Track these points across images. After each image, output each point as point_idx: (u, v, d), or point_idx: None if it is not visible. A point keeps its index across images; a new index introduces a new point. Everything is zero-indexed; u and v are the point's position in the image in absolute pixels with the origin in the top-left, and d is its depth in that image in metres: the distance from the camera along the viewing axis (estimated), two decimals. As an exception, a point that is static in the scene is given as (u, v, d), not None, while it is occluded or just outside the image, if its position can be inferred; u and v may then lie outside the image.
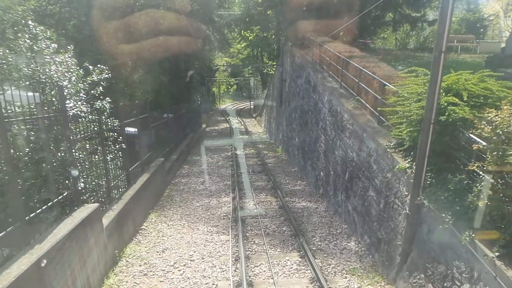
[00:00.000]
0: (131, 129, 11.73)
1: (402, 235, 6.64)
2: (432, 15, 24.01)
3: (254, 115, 47.76)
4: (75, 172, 6.67)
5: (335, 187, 10.78)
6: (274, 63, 35.44)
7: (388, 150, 7.48)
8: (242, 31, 37.40)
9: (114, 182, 9.03)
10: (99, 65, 8.97)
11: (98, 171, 8.17)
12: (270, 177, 14.66)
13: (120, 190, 9.40)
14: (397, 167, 6.86)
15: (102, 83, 8.99)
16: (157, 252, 8.27)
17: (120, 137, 9.72)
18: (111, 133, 9.23)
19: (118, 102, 11.98)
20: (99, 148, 8.35)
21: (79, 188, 6.99)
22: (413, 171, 6.36)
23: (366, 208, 8.41)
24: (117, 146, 9.38)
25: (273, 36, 31.13)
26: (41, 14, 20.11)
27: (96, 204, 6.93)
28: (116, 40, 20.52)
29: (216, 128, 37.16)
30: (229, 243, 8.62)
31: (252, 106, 57.65)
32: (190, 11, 23.77)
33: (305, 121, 15.88)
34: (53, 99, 6.70)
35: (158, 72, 22.50)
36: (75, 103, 7.68)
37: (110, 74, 9.40)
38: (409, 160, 6.80)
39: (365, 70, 10.04)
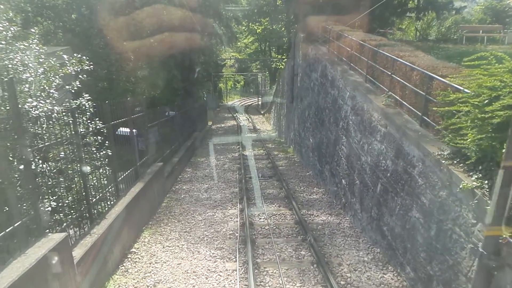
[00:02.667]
0: (125, 130, 10.18)
1: (469, 278, 4.94)
2: (459, 2, 22.08)
3: (262, 112, 46.02)
4: (34, 192, 5.08)
5: (362, 199, 9.07)
6: (284, 56, 33.64)
7: (443, 161, 5.75)
8: (250, 24, 35.59)
9: (98, 197, 7.43)
10: (76, 54, 7.36)
11: (74, 185, 6.58)
12: (283, 183, 12.97)
13: (106, 205, 7.81)
14: (460, 186, 5.13)
15: (80, 76, 7.41)
16: (148, 286, 6.65)
17: (107, 141, 8.13)
18: (94, 137, 7.63)
19: (119, 99, 10.51)
20: (75, 157, 6.76)
21: (45, 210, 5.40)
22: (487, 193, 4.66)
23: (408, 232, 6.70)
24: (102, 153, 7.79)
25: (283, 28, 29.35)
26: (39, 5, 18.86)
27: (63, 234, 5.32)
28: (118, 34, 19.24)
29: (222, 125, 35.52)
30: (236, 274, 6.97)
31: (260, 103, 55.96)
32: (196, 4, 22.19)
33: (321, 119, 14.16)
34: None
35: (162, 67, 21.09)
36: (43, 101, 6.08)
37: (91, 67, 7.80)
38: (477, 177, 5.06)
39: (401, 60, 8.29)
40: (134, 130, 10.86)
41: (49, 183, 5.93)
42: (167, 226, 9.56)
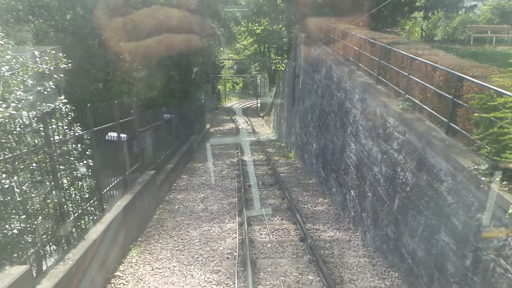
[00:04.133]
0: (115, 135, 9.26)
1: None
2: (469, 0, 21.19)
3: (261, 114, 45.12)
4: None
5: (375, 215, 8.13)
6: (285, 56, 32.72)
7: (481, 178, 4.82)
8: (250, 25, 34.67)
9: (76, 214, 6.48)
10: (50, 49, 6.42)
11: (44, 204, 5.63)
12: (285, 193, 12.02)
13: (87, 222, 6.86)
14: (510, 211, 4.20)
15: (56, 76, 6.48)
16: (131, 321, 5.71)
17: (90, 150, 7.19)
18: (74, 145, 6.69)
19: (114, 101, 9.63)
20: (49, 169, 5.82)
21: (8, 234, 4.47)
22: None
23: (435, 258, 5.75)
24: (84, 162, 6.85)
25: (283, 29, 28.43)
26: (32, 4, 18.08)
27: (24, 268, 4.36)
28: (114, 34, 18.49)
29: (221, 128, 34.58)
30: (234, 305, 6.03)
31: (259, 105, 55.11)
32: (194, 4, 21.33)
33: (325, 124, 13.23)
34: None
35: (159, 69, 20.29)
36: (5, 105, 5.15)
37: (70, 65, 6.87)
38: (530, 200, 4.14)
39: (421, 59, 7.37)
40: (124, 135, 9.96)
41: (15, 200, 4.99)
42: (158, 243, 8.60)
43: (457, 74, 5.99)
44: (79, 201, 6.67)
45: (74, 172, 6.59)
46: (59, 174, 5.98)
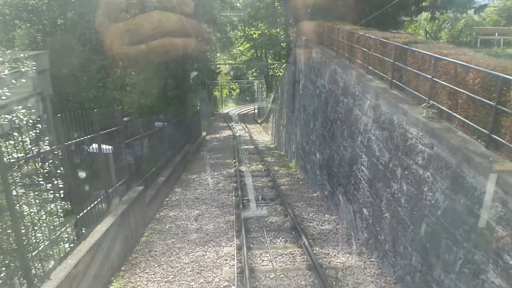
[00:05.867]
0: (101, 147, 8.20)
1: None
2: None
3: (259, 121, 44.08)
4: None
5: (395, 239, 7.03)
6: (283, 61, 31.72)
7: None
8: (247, 29, 33.71)
9: (42, 247, 5.35)
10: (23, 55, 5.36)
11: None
12: (287, 209, 10.89)
13: (56, 254, 5.74)
14: None
15: (14, 81, 5.39)
16: None
17: (62, 167, 6.12)
18: (40, 163, 5.59)
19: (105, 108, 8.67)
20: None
21: None
22: None
23: (481, 302, 4.66)
24: (55, 183, 5.77)
25: (281, 33, 27.47)
26: (20, 8, 17.21)
27: None
28: (105, 38, 17.61)
29: (217, 136, 33.48)
30: None
31: (256, 111, 54.12)
32: (189, 9, 20.35)
33: (330, 132, 12.17)
34: None
35: (153, 74, 19.37)
36: None
37: (34, 68, 5.79)
38: None
39: (449, 59, 6.32)
40: (109, 148, 8.88)
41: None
42: (144, 272, 7.46)
43: (502, 76, 4.93)
44: (46, 231, 5.55)
45: (40, 196, 5.49)
46: (16, 199, 4.88)
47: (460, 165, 5.29)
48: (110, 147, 9.00)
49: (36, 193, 5.40)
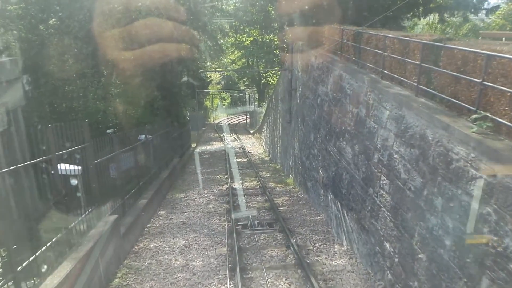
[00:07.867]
0: (69, 168, 6.65)
1: None
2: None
3: (251, 131, 42.46)
4: None
5: (436, 290, 5.41)
6: (276, 68, 30.28)
7: None
8: (238, 36, 32.28)
9: None
10: None
11: None
12: (289, 238, 9.24)
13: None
14: None
15: None
16: None
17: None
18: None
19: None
20: None
21: None
22: None
23: None
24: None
25: (274, 38, 26.07)
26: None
27: None
28: (88, 46, 16.21)
29: (208, 148, 31.77)
30: None
31: (248, 121, 52.62)
32: (179, 15, 18.85)
33: (336, 146, 10.61)
34: None
35: (139, 84, 17.90)
36: None
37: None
38: None
39: (508, 56, 4.82)
40: (76, 168, 7.27)
41: None
42: (110, 336, 5.75)
43: None
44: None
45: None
46: None
47: (548, 203, 3.73)
48: (78, 167, 7.44)
49: None
